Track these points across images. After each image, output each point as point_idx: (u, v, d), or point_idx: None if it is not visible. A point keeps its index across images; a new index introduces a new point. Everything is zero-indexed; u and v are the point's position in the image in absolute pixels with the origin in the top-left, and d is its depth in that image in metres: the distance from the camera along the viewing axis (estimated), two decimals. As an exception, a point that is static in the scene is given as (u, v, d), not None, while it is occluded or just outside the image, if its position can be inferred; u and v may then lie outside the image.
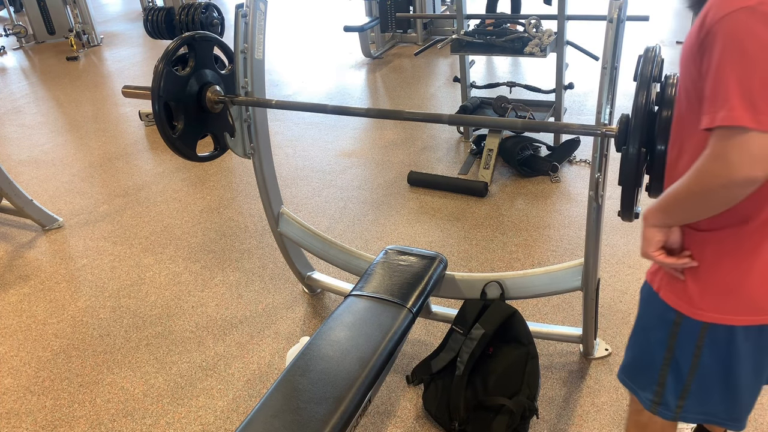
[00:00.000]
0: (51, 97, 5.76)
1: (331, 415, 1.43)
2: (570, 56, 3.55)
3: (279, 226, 2.40)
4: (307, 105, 2.32)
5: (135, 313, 2.63)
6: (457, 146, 3.91)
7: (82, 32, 7.33)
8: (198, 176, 3.84)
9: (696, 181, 0.98)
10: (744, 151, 0.89)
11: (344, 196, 3.44)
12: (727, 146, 0.91)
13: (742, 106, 0.88)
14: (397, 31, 6.15)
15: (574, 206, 3.12)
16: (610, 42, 1.51)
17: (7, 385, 2.30)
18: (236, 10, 1.96)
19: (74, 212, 3.53)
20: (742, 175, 0.90)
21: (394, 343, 1.69)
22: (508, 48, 3.37)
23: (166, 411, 2.13)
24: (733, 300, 1.09)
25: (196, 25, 3.77)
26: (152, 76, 1.90)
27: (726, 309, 1.09)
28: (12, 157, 4.38)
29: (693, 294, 1.12)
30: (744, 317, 1.09)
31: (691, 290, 1.12)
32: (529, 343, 1.92)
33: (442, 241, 2.94)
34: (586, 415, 1.96)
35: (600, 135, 1.53)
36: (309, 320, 2.50)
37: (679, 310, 1.14)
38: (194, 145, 2.08)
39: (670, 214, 1.09)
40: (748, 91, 0.88)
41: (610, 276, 2.55)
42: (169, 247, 3.11)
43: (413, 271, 1.99)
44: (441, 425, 1.94)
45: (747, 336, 1.11)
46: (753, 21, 0.87)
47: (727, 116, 0.89)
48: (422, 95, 4.88)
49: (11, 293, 2.86)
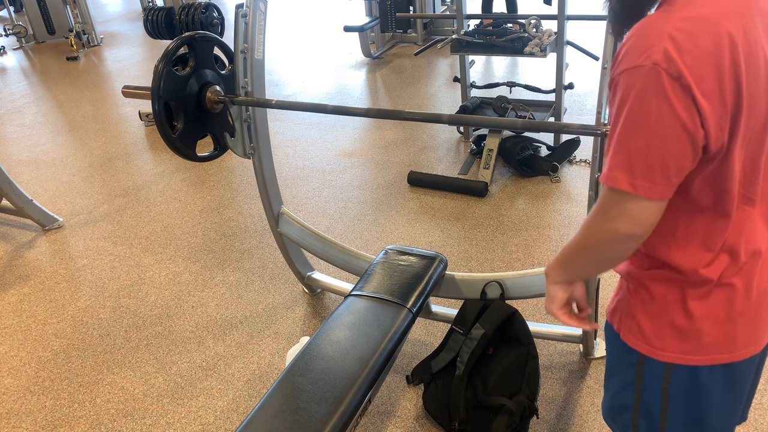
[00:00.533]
0: (51, 97, 5.76)
1: (331, 415, 1.44)
2: (570, 56, 3.55)
3: (279, 226, 2.40)
4: (307, 105, 2.33)
5: (135, 313, 2.63)
6: (457, 146, 3.91)
7: (82, 32, 7.34)
8: (198, 176, 3.84)
9: (584, 236, 1.00)
10: (623, 210, 0.90)
11: (344, 196, 3.45)
12: (610, 203, 0.92)
13: (622, 168, 0.88)
14: (397, 31, 6.15)
15: (574, 206, 3.12)
16: (610, 42, 1.51)
17: (7, 385, 2.30)
18: (236, 10, 1.96)
19: (74, 212, 3.53)
20: (623, 231, 0.91)
21: (394, 343, 1.69)
22: (508, 48, 3.37)
23: (166, 411, 2.13)
24: (690, 341, 1.01)
25: (196, 25, 3.77)
26: (152, 76, 1.90)
27: (684, 349, 1.02)
28: (12, 157, 4.38)
29: (649, 334, 1.05)
30: (704, 357, 1.02)
31: (647, 330, 1.05)
32: (529, 343, 1.92)
33: (442, 241, 2.94)
34: (586, 415, 1.96)
35: (600, 135, 1.54)
36: (309, 320, 2.50)
37: (640, 351, 1.07)
38: (194, 145, 2.08)
39: (568, 270, 1.09)
40: (628, 155, 0.87)
41: (610, 276, 2.55)
42: (169, 247, 3.11)
43: (413, 271, 1.99)
44: (441, 425, 1.94)
45: (713, 376, 1.03)
46: (647, 83, 0.83)
47: (608, 176, 0.90)
48: (422, 95, 4.88)
49: (11, 293, 2.86)
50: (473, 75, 5.03)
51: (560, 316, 1.13)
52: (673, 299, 1.02)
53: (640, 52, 0.84)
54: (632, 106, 0.86)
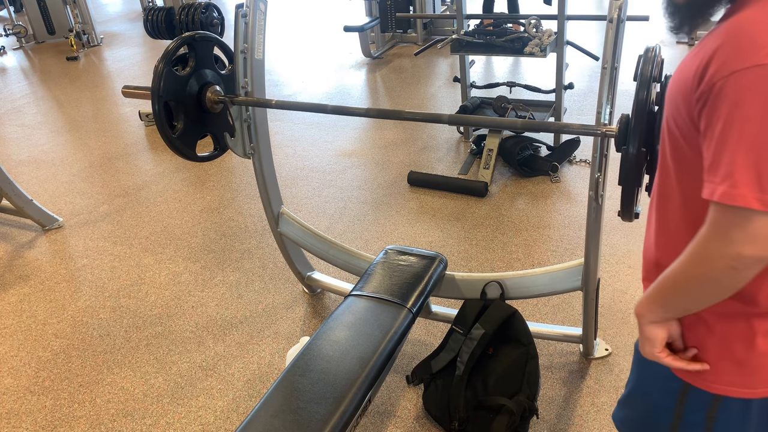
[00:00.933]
0: (51, 97, 5.76)
1: (331, 415, 1.43)
2: (570, 56, 3.55)
3: (279, 226, 2.40)
4: (307, 105, 2.32)
5: (135, 313, 2.63)
6: (457, 146, 3.91)
7: (82, 32, 7.33)
8: (198, 176, 3.84)
9: (694, 265, 0.87)
10: (749, 231, 0.79)
11: (344, 196, 3.44)
12: (730, 225, 0.80)
13: (748, 183, 0.77)
14: (397, 31, 6.15)
15: (574, 206, 3.12)
16: (610, 42, 1.51)
17: (7, 385, 2.30)
18: (236, 10, 1.96)
19: (74, 212, 3.53)
20: (750, 255, 0.80)
21: (394, 343, 1.69)
22: (508, 48, 3.37)
23: (166, 411, 2.13)
24: (749, 374, 0.97)
25: (196, 25, 3.77)
26: (152, 76, 1.90)
27: (739, 382, 0.97)
28: (12, 157, 4.38)
29: None
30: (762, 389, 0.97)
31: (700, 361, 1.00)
32: (529, 343, 1.92)
33: (442, 241, 2.94)
34: (586, 415, 1.96)
35: (600, 135, 1.53)
36: (309, 320, 2.50)
37: (686, 380, 1.02)
38: (194, 145, 2.08)
39: (668, 306, 0.96)
40: (756, 167, 0.76)
41: (610, 276, 2.55)
42: (169, 247, 3.11)
43: (413, 271, 1.99)
44: (441, 425, 1.94)
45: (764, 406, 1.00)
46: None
47: (728, 193, 0.78)
48: (422, 95, 4.88)
49: (11, 293, 2.86)
50: (473, 75, 5.03)
51: (665, 359, 1.00)
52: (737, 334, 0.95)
53: (756, 50, 0.76)
54: (757, 110, 0.75)
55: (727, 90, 0.77)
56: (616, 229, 2.84)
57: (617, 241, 2.76)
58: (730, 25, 0.80)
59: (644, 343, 1.01)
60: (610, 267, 2.61)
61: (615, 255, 2.68)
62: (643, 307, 0.99)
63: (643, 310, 0.99)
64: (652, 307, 0.98)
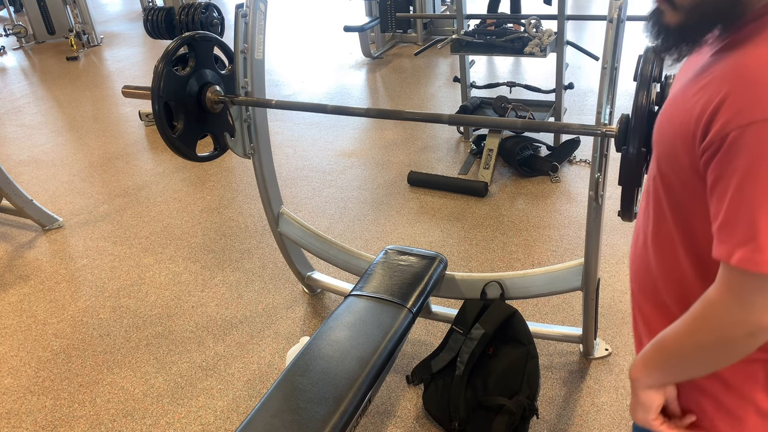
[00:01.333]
0: (51, 97, 5.76)
1: (331, 415, 1.44)
2: (570, 56, 3.55)
3: (279, 226, 2.40)
4: (307, 105, 2.32)
5: (135, 313, 2.63)
6: (457, 146, 3.91)
7: (82, 32, 7.34)
8: (198, 176, 3.84)
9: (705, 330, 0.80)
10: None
11: (344, 196, 3.44)
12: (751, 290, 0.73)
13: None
14: (397, 31, 6.15)
15: (574, 206, 3.12)
16: (610, 42, 1.51)
17: (7, 385, 2.30)
18: (236, 10, 1.96)
19: (74, 212, 3.53)
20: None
21: (394, 343, 1.69)
22: (508, 48, 3.37)
23: (166, 411, 2.13)
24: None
25: (196, 25, 3.77)
26: (152, 76, 1.90)
27: None
28: (12, 157, 4.38)
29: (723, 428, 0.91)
30: None
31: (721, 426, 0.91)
32: (529, 343, 1.92)
33: (442, 241, 2.94)
34: (586, 415, 1.96)
35: (600, 135, 1.53)
36: (309, 320, 2.50)
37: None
38: (194, 145, 2.08)
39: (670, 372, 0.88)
40: None
41: (610, 276, 2.55)
42: (169, 247, 3.11)
43: (413, 271, 1.99)
44: (441, 425, 1.94)
45: None
46: None
47: (751, 259, 0.70)
48: (422, 95, 4.88)
49: (11, 293, 2.86)
50: (473, 75, 5.03)
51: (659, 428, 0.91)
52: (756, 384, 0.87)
53: None
54: None
55: (746, 142, 0.69)
56: (616, 229, 2.84)
57: (617, 241, 2.76)
58: (741, 67, 0.72)
59: (637, 408, 0.93)
60: (610, 267, 2.61)
61: (615, 255, 2.68)
62: (639, 371, 0.90)
63: (639, 375, 0.91)
64: (650, 372, 0.89)
